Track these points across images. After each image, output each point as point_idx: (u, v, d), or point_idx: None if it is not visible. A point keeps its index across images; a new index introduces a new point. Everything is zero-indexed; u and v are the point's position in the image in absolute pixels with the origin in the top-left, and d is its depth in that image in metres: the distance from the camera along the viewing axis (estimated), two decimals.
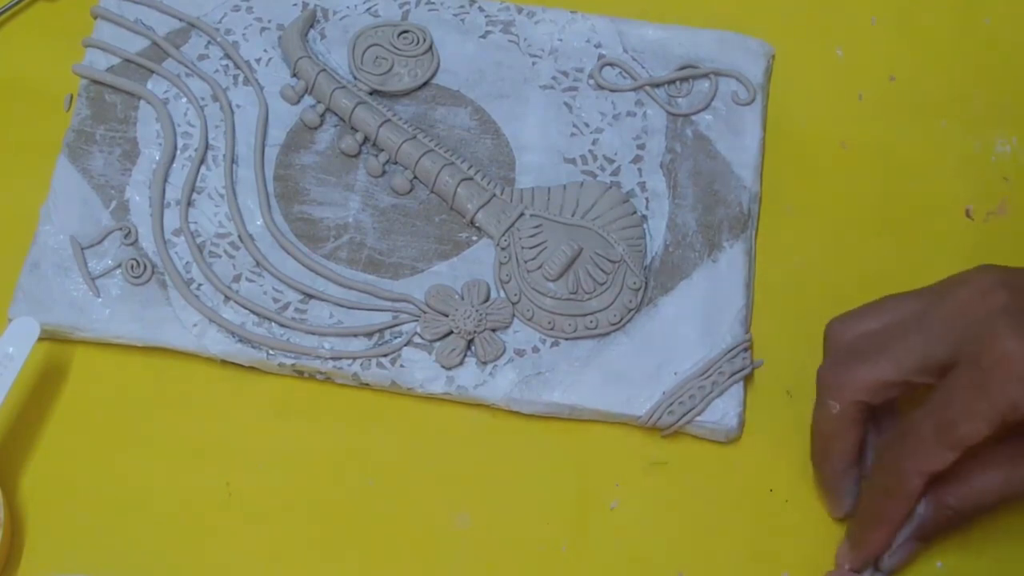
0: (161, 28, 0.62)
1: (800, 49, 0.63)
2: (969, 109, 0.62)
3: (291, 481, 0.54)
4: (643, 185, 0.59)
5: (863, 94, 0.63)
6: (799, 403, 0.56)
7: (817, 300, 0.57)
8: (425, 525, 0.54)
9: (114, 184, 0.58)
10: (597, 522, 0.54)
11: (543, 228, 0.57)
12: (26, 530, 0.53)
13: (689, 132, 0.60)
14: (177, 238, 0.57)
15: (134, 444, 0.55)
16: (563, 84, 0.61)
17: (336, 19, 0.62)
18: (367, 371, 0.55)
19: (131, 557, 0.53)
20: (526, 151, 0.60)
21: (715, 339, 0.56)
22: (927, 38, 0.64)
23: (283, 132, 0.60)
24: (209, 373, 0.56)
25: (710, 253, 0.58)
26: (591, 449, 0.55)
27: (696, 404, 0.55)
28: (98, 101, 0.60)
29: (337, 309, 0.56)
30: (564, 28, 0.62)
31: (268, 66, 0.61)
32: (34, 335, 0.54)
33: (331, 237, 0.58)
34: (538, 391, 0.55)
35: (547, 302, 0.56)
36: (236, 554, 0.53)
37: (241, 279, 0.57)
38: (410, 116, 0.60)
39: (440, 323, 0.56)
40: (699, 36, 0.62)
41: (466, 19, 0.62)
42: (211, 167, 0.59)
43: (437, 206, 0.59)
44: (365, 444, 0.55)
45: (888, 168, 0.61)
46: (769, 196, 0.60)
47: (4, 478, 0.53)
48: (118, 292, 0.56)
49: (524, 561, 0.53)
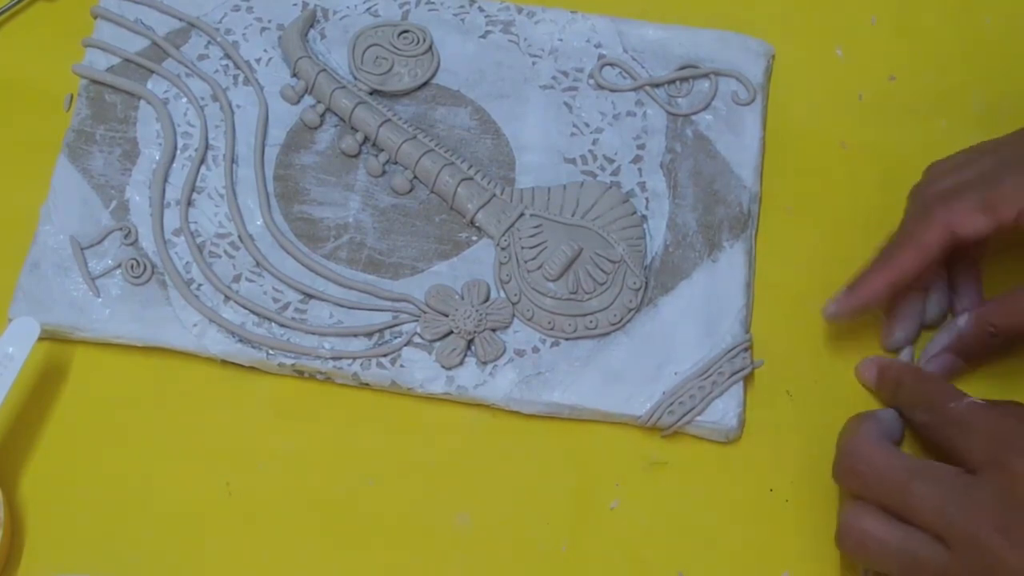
0: (161, 28, 0.62)
1: (800, 49, 0.63)
2: (969, 109, 0.62)
3: (291, 481, 0.54)
4: (643, 185, 0.59)
5: (863, 94, 0.63)
6: (799, 403, 0.56)
7: (817, 300, 0.57)
8: (425, 525, 0.54)
9: (114, 184, 0.58)
10: (597, 522, 0.54)
11: (543, 228, 0.57)
12: (26, 530, 0.53)
13: (689, 132, 0.60)
14: (177, 238, 0.57)
15: (134, 444, 0.55)
16: (563, 84, 0.61)
17: (336, 19, 0.62)
18: (367, 371, 0.55)
19: (131, 557, 0.53)
20: (526, 151, 0.60)
21: (715, 339, 0.56)
22: (927, 38, 0.64)
23: (283, 132, 0.60)
24: (209, 373, 0.56)
25: (710, 253, 0.58)
26: (591, 449, 0.55)
27: (696, 404, 0.55)
28: (98, 101, 0.60)
29: (337, 309, 0.56)
30: (564, 28, 0.62)
31: (268, 66, 0.61)
32: (34, 335, 0.54)
33: (331, 237, 0.58)
34: (538, 391, 0.55)
35: (547, 302, 0.56)
36: (236, 553, 0.53)
37: (241, 279, 0.57)
38: (410, 116, 0.60)
39: (440, 323, 0.56)
40: (699, 36, 0.62)
41: (466, 19, 0.62)
42: (211, 167, 0.59)
43: (437, 206, 0.59)
44: (365, 444, 0.55)
45: (888, 168, 0.61)
46: (769, 196, 0.60)
47: (4, 478, 0.53)
48: (118, 292, 0.56)
49: (524, 561, 0.53)
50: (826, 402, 0.56)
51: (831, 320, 0.56)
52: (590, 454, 0.55)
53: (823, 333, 0.57)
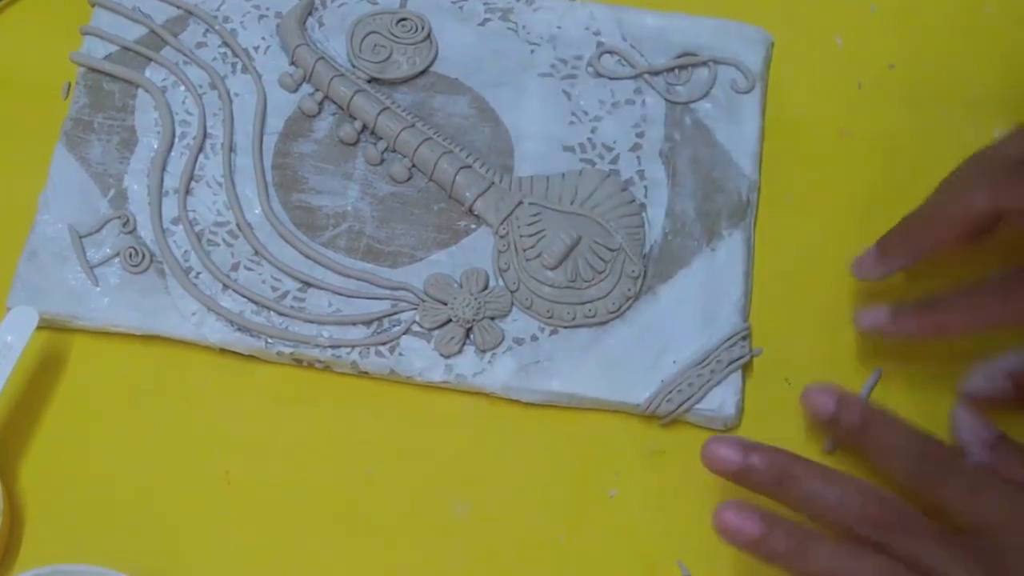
0: (159, 16, 0.61)
1: (799, 37, 0.63)
2: (968, 97, 0.62)
3: (290, 469, 0.54)
4: (642, 173, 0.59)
5: (862, 82, 0.63)
6: (797, 391, 0.56)
7: (816, 288, 0.57)
8: (424, 514, 0.54)
9: (112, 172, 0.58)
10: (596, 510, 0.54)
11: (542, 216, 0.57)
12: (25, 519, 0.53)
13: (688, 120, 0.60)
14: (175, 226, 0.57)
15: (133, 433, 0.55)
16: (562, 72, 0.61)
17: (334, 7, 0.62)
18: (366, 359, 0.55)
19: (130, 545, 0.53)
20: (525, 139, 0.60)
21: (714, 328, 0.56)
22: (926, 26, 0.64)
23: (281, 120, 0.60)
24: (208, 362, 0.56)
25: (709, 241, 0.58)
26: (590, 437, 0.55)
27: (695, 392, 0.55)
28: (96, 89, 0.60)
29: (336, 297, 0.56)
30: (563, 16, 0.62)
31: (266, 54, 0.61)
32: (33, 324, 0.54)
33: (330, 225, 0.58)
34: (537, 379, 0.55)
35: (546, 290, 0.56)
36: (235, 542, 0.53)
37: (240, 267, 0.57)
38: (409, 104, 0.60)
39: (439, 311, 0.56)
40: (698, 24, 0.62)
41: (464, 7, 0.62)
42: (209, 155, 0.59)
43: (436, 194, 0.59)
44: (364, 433, 0.55)
45: (887, 156, 0.61)
46: (768, 184, 0.60)
47: (3, 467, 0.53)
48: (116, 281, 0.56)
49: (523, 549, 0.53)
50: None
51: (861, 279, 0.55)
52: (589, 443, 0.55)
53: (822, 321, 0.57)
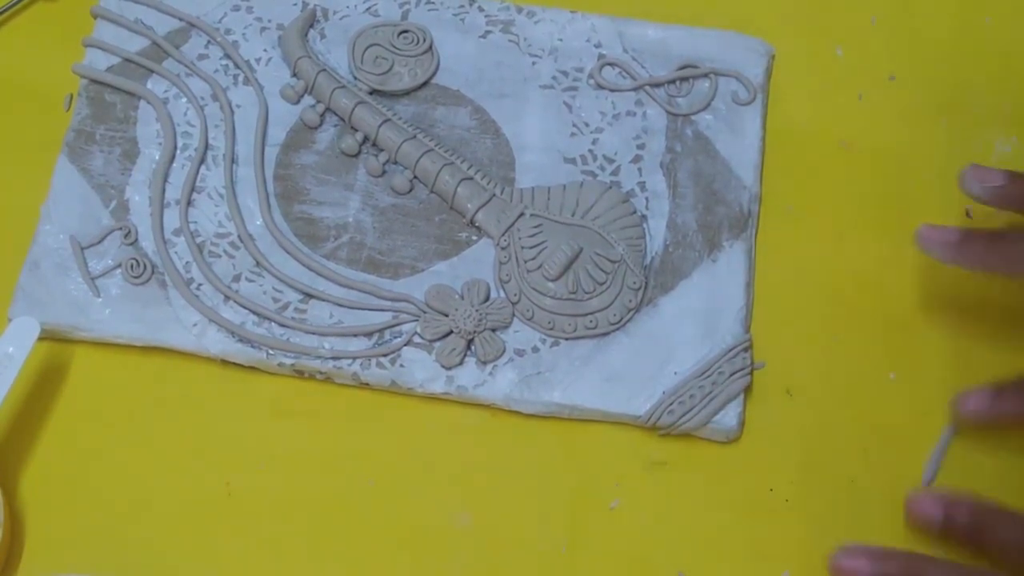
0: (161, 28, 0.61)
1: (800, 49, 0.63)
2: (969, 109, 0.62)
3: (291, 481, 0.54)
4: (643, 185, 0.59)
5: (863, 94, 0.63)
6: (799, 403, 0.56)
7: (817, 300, 0.57)
8: (425, 525, 0.54)
9: (114, 184, 0.58)
10: (597, 522, 0.54)
11: (543, 228, 0.57)
12: (26, 530, 0.53)
13: (689, 132, 0.60)
14: (177, 238, 0.57)
15: (134, 444, 0.55)
16: (563, 84, 0.61)
17: (336, 19, 0.62)
18: (367, 371, 0.55)
19: (131, 557, 0.53)
20: (526, 151, 0.60)
21: (715, 339, 0.56)
22: (927, 37, 0.64)
23: (283, 132, 0.60)
24: (209, 373, 0.56)
25: (710, 253, 0.58)
26: (591, 449, 0.55)
27: (696, 404, 0.55)
28: (98, 101, 0.60)
29: (337, 309, 0.56)
30: (564, 28, 0.62)
31: (268, 66, 0.61)
32: (34, 335, 0.54)
33: (331, 237, 0.58)
34: (538, 391, 0.55)
35: (547, 302, 0.56)
36: (236, 553, 0.53)
37: (241, 279, 0.57)
38: (410, 116, 0.60)
39: (440, 323, 0.56)
40: (699, 36, 0.62)
41: (466, 19, 0.62)
42: (211, 167, 0.59)
43: (437, 206, 0.59)
44: (365, 444, 0.55)
45: (888, 168, 0.61)
46: (769, 196, 0.60)
47: (4, 478, 0.53)
48: (118, 292, 0.56)
49: (524, 561, 0.53)
50: (826, 402, 0.56)
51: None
52: (590, 454, 0.55)
53: (823, 333, 0.57)
